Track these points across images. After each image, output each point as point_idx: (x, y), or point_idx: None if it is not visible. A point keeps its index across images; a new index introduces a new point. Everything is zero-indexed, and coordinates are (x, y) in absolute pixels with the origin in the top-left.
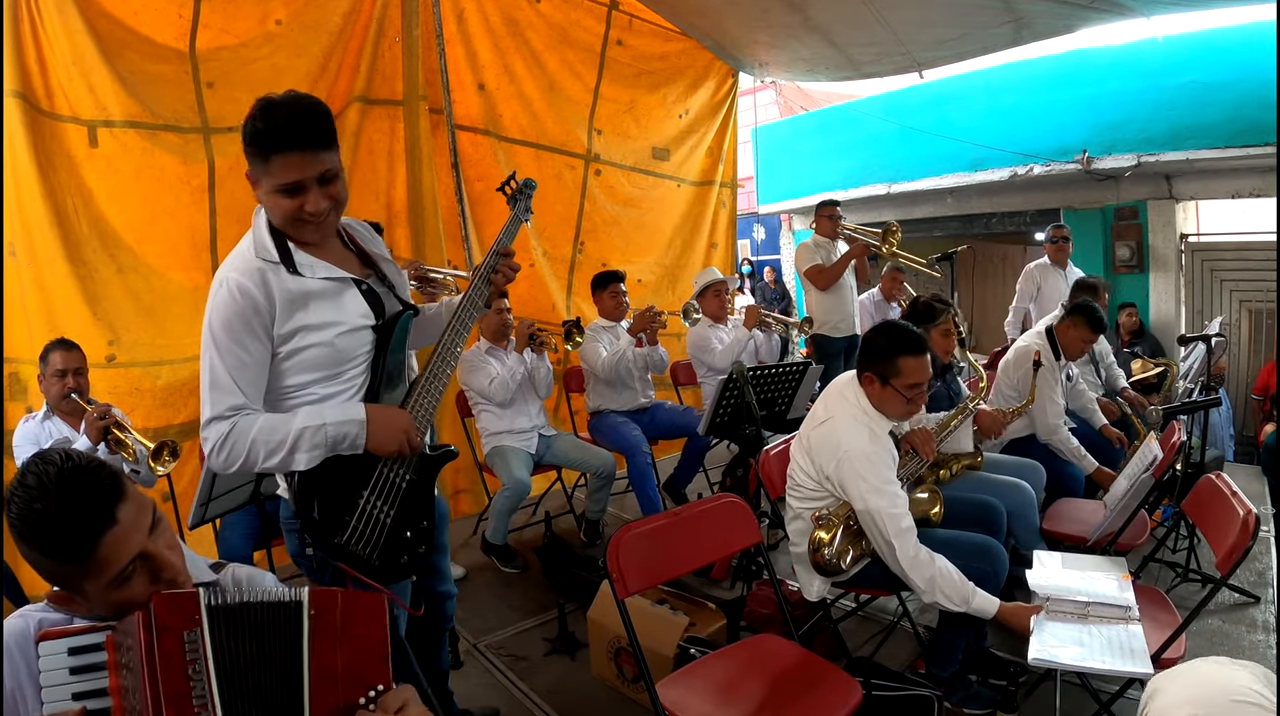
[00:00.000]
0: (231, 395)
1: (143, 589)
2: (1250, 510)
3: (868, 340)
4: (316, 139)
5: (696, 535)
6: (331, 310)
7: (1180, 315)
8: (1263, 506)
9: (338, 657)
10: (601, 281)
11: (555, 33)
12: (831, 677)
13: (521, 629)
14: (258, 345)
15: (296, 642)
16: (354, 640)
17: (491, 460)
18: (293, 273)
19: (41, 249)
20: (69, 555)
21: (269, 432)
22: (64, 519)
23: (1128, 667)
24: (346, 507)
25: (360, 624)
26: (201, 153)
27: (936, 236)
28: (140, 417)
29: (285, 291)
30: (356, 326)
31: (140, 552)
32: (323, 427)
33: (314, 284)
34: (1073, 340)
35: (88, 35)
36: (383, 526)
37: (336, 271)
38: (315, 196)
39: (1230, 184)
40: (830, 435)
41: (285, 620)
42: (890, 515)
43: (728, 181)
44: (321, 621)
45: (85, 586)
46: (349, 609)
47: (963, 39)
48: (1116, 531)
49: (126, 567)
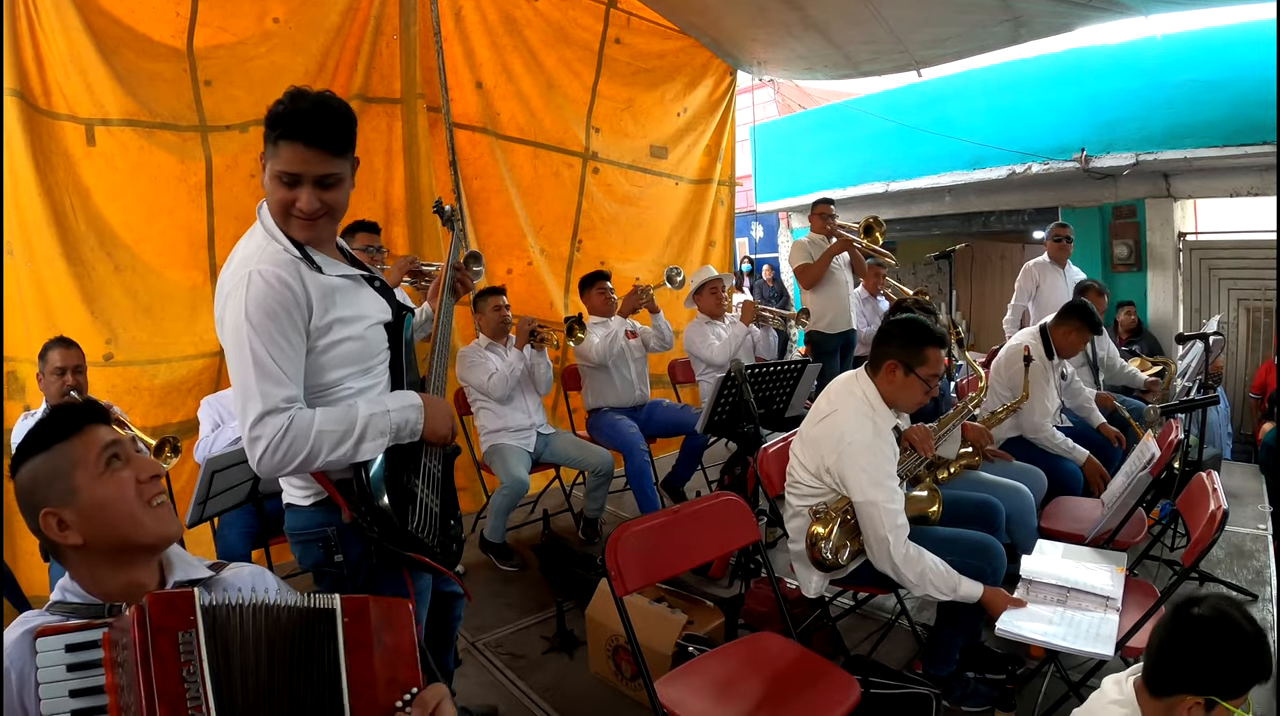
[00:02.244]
0: (284, 387)
1: (130, 483)
2: (1221, 506)
3: (888, 332)
4: (328, 140)
5: (695, 533)
6: (356, 304)
7: (1178, 313)
8: (1261, 504)
9: (374, 662)
10: (589, 281)
11: (553, 31)
12: (830, 675)
13: (520, 627)
14: (298, 338)
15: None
16: (389, 644)
17: (489, 458)
18: (313, 268)
19: (39, 247)
20: (60, 434)
21: (334, 422)
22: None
23: (1089, 648)
24: (408, 496)
25: (391, 628)
26: (199, 151)
27: (934, 235)
28: (138, 416)
29: (316, 284)
30: (379, 320)
31: (116, 440)
32: (387, 414)
33: (335, 280)
34: (1069, 340)
35: (85, 33)
36: (433, 514)
37: (350, 269)
38: (308, 195)
39: (1228, 182)
40: (834, 427)
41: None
42: (888, 510)
43: (726, 179)
44: (355, 626)
45: (75, 477)
46: (381, 613)
47: (961, 37)
48: (1114, 529)
49: (108, 447)
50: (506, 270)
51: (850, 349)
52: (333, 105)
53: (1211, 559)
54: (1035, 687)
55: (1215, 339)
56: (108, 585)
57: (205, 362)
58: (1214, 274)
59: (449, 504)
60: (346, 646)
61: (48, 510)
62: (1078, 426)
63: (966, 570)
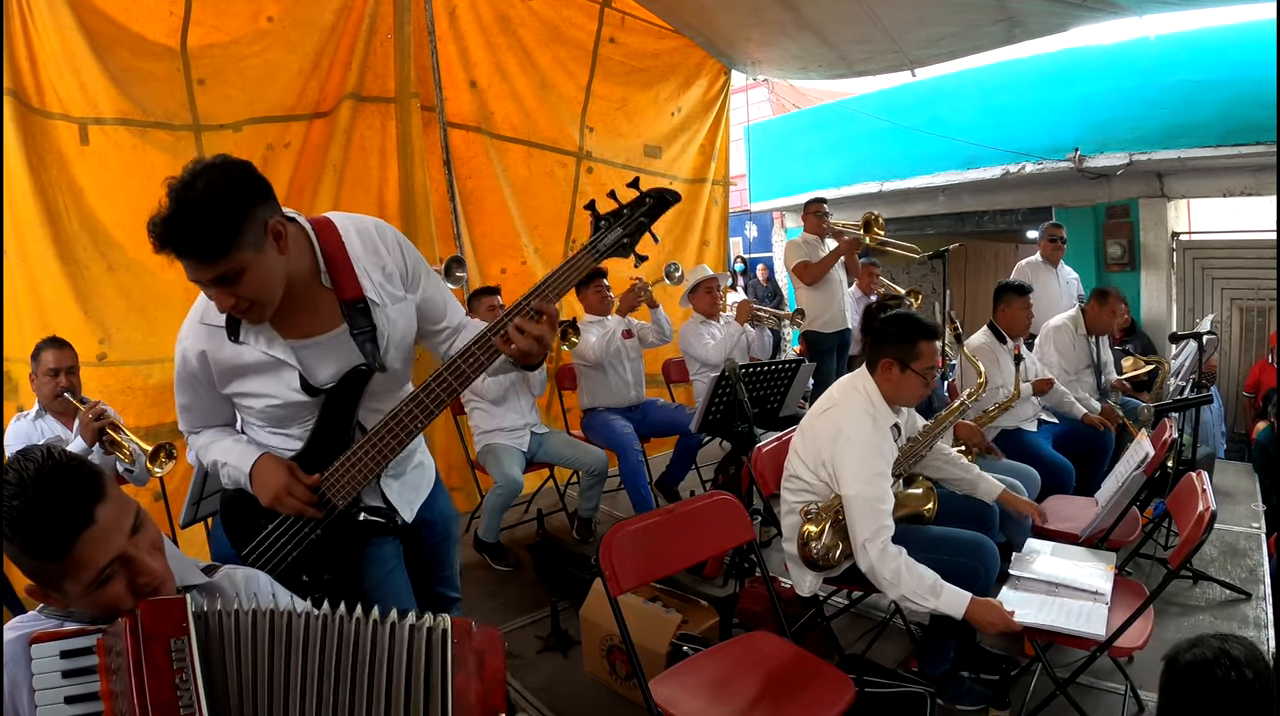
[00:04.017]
0: (186, 419)
1: (123, 591)
2: (1209, 507)
3: (881, 330)
4: (193, 250)
5: (689, 533)
6: (266, 383)
7: (1172, 313)
8: (1254, 503)
9: (471, 687)
10: (585, 280)
11: (547, 30)
12: (824, 675)
13: (514, 627)
14: (204, 391)
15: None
16: (488, 670)
17: (483, 458)
18: (234, 339)
19: (32, 247)
20: (46, 554)
21: (204, 452)
22: (40, 516)
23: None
24: (254, 529)
25: (491, 654)
26: (193, 150)
27: (928, 234)
28: (132, 416)
29: (222, 362)
30: (290, 401)
31: (120, 555)
32: (226, 466)
33: (251, 354)
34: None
35: (78, 32)
36: (282, 559)
37: (277, 349)
38: (217, 295)
39: (1222, 182)
40: (833, 420)
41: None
42: (875, 508)
43: (720, 179)
44: (461, 648)
45: (64, 586)
46: (483, 639)
47: (955, 37)
48: (1108, 528)
49: (105, 569)
50: (500, 270)
51: (846, 348)
52: (189, 208)
53: (1205, 557)
54: (1024, 686)
55: (1209, 338)
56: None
57: None
58: (1207, 273)
59: (320, 564)
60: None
61: (32, 587)
62: (1064, 424)
63: (959, 570)
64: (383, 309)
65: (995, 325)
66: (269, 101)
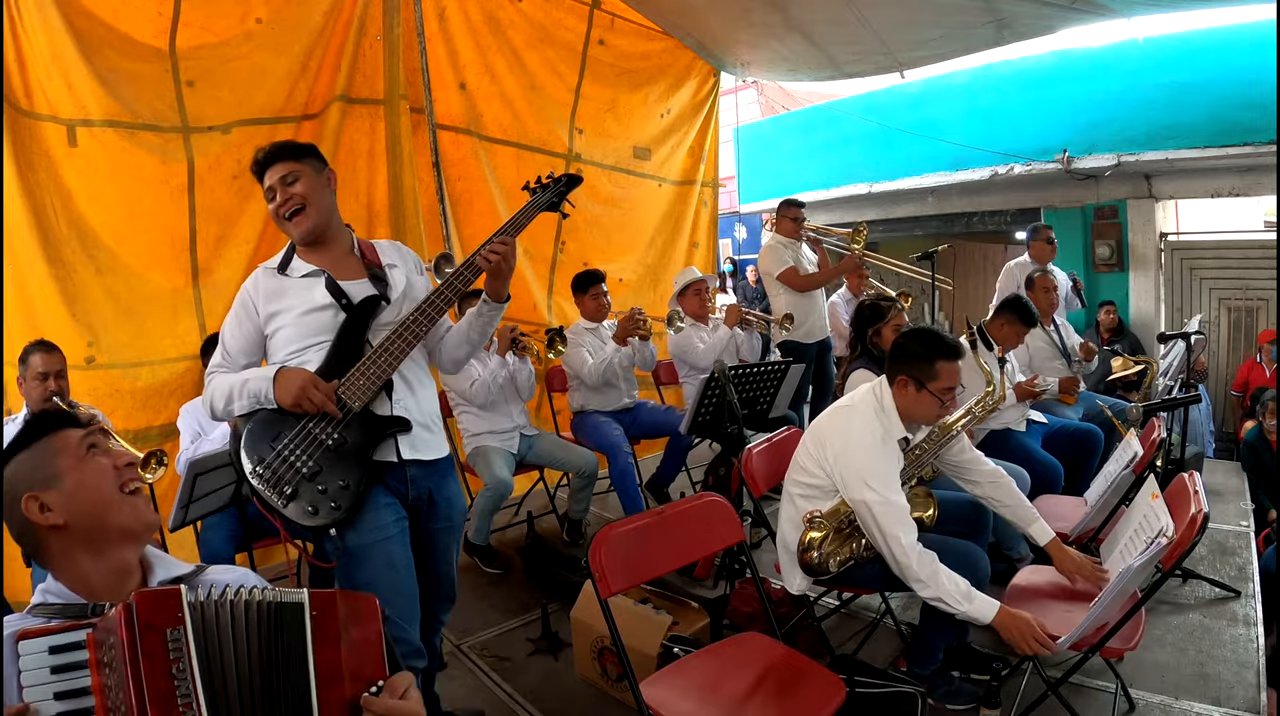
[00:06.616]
0: (219, 356)
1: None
2: (1202, 509)
3: (900, 345)
4: (283, 152)
5: (679, 534)
6: (300, 296)
7: (1160, 313)
8: (1243, 501)
9: (341, 655)
10: (582, 283)
11: (537, 32)
12: (815, 675)
13: (505, 629)
14: (249, 325)
15: (298, 642)
16: (355, 638)
17: (473, 460)
18: (281, 273)
19: (20, 249)
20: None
21: (224, 386)
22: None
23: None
24: (272, 442)
25: (358, 623)
26: (181, 152)
27: (917, 236)
28: (120, 419)
29: (269, 288)
30: (318, 304)
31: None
32: (245, 383)
33: (291, 281)
34: (1004, 333)
35: (66, 33)
36: (296, 470)
37: (312, 268)
38: (282, 192)
39: (1209, 183)
40: (844, 420)
41: (284, 620)
42: (897, 506)
43: (709, 181)
44: (323, 621)
45: (59, 463)
46: (348, 608)
47: (944, 39)
48: (1097, 527)
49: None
50: None
51: (826, 357)
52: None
53: (1194, 556)
54: (1014, 686)
55: (1197, 338)
56: (90, 578)
57: (187, 365)
58: (1195, 274)
59: (334, 472)
60: (314, 639)
61: (30, 493)
62: (1053, 423)
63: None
64: (392, 273)
65: (985, 331)
66: (258, 103)
